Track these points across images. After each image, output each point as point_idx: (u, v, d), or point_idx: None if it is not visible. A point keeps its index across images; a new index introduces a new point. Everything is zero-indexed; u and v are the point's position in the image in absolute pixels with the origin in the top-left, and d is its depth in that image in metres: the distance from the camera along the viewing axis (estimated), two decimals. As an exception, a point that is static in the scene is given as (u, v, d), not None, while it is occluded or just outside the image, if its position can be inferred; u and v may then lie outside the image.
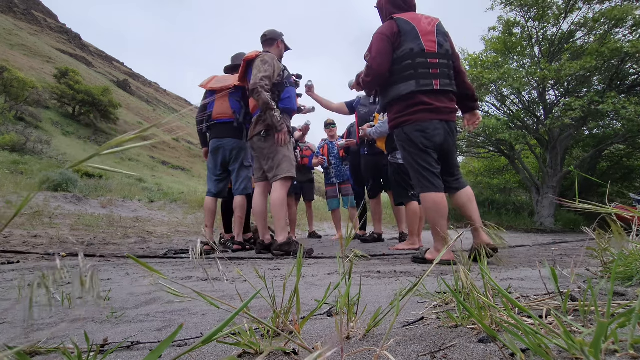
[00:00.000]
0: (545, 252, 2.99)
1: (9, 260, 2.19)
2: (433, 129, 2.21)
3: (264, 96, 2.67)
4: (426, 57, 2.22)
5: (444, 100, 2.24)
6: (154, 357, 0.35)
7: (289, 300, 0.62)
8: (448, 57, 2.28)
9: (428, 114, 2.22)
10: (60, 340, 0.70)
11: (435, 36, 2.25)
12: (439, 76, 2.22)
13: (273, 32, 3.11)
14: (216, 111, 3.26)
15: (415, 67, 2.23)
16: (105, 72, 47.85)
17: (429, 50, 2.22)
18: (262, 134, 2.84)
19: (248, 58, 2.91)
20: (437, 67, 2.23)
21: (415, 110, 2.23)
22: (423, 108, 2.22)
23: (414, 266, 2.05)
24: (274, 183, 2.87)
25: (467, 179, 14.30)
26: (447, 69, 2.26)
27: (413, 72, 2.23)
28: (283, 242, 2.74)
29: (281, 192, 2.82)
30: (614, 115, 8.26)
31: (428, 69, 2.22)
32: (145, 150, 24.33)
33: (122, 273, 1.83)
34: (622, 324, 0.41)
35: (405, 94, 2.25)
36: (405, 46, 2.25)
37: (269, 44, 3.06)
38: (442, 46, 2.26)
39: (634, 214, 0.64)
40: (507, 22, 9.97)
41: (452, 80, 2.28)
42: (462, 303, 0.54)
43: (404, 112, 2.28)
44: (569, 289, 0.61)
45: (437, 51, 2.24)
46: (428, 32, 2.25)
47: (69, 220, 4.90)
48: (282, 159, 2.85)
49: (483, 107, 11.06)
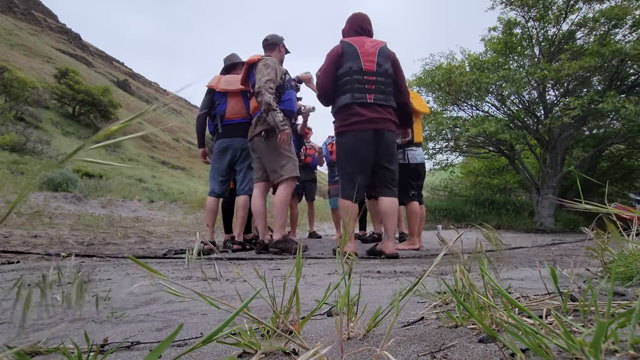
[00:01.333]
0: (545, 252, 2.99)
1: (9, 260, 2.19)
2: (369, 140, 2.54)
3: (267, 97, 2.73)
4: (363, 74, 2.56)
5: (378, 110, 2.55)
6: (154, 357, 0.35)
7: (289, 300, 0.62)
8: (387, 76, 2.60)
9: (362, 125, 2.54)
10: (60, 340, 0.70)
11: (376, 57, 2.58)
12: (373, 91, 2.55)
13: (274, 37, 3.17)
14: (230, 111, 3.28)
15: (352, 83, 2.57)
16: (105, 72, 47.85)
17: (367, 69, 2.56)
18: (263, 135, 2.88)
19: (250, 61, 2.97)
20: (373, 83, 2.56)
21: (351, 122, 2.56)
22: (357, 120, 2.54)
23: (413, 266, 2.05)
24: (279, 185, 2.90)
25: (467, 179, 14.33)
26: (383, 86, 2.57)
27: (350, 86, 2.57)
28: (279, 239, 2.79)
29: (286, 192, 2.87)
30: (613, 115, 8.26)
31: (364, 85, 2.55)
32: (145, 150, 24.33)
33: (122, 273, 1.83)
34: (622, 324, 0.41)
35: (343, 105, 2.60)
36: (346, 65, 2.59)
37: (270, 49, 3.13)
38: (382, 66, 2.58)
39: (634, 214, 0.64)
40: (507, 22, 9.97)
41: (388, 96, 2.60)
42: (462, 303, 0.54)
43: (343, 123, 2.62)
44: (569, 289, 0.61)
45: (374, 70, 2.56)
46: (369, 54, 2.59)
47: (69, 220, 4.90)
48: (286, 159, 2.89)
49: (483, 107, 11.06)
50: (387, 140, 2.58)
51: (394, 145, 2.66)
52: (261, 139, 2.90)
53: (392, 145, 2.62)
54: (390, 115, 2.60)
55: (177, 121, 9.57)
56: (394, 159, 2.67)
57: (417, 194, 3.32)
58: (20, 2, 48.06)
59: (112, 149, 20.20)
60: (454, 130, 10.32)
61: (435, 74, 10.07)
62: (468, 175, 14.29)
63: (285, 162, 2.89)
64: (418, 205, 3.30)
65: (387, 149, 2.59)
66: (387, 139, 2.58)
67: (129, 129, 0.37)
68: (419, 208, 3.31)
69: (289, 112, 3.00)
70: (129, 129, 1.53)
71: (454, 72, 9.67)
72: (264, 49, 3.17)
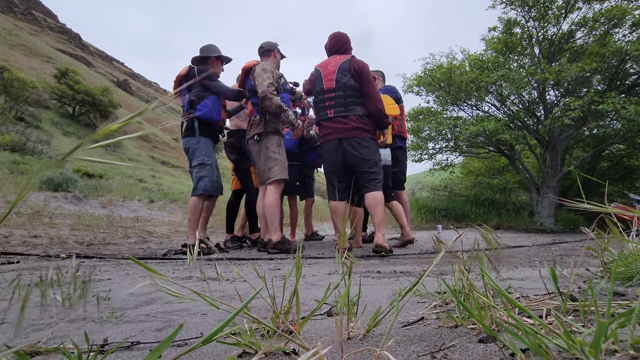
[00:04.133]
0: (545, 252, 2.99)
1: (9, 260, 2.19)
2: (333, 149, 2.94)
3: (276, 100, 2.94)
4: (325, 93, 2.96)
5: (340, 121, 2.90)
6: (154, 357, 0.35)
7: (289, 300, 0.62)
8: (346, 88, 2.89)
9: (327, 137, 2.97)
10: (60, 340, 0.70)
11: (335, 75, 2.91)
12: (332, 106, 2.93)
13: (269, 44, 3.36)
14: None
15: (318, 103, 3.03)
16: (105, 72, 47.84)
17: (327, 87, 2.95)
18: (256, 138, 3.06)
19: (247, 67, 3.15)
20: (332, 99, 2.93)
21: (322, 135, 3.04)
22: (324, 132, 2.99)
23: (413, 266, 2.05)
24: (268, 187, 3.03)
25: (467, 179, 14.31)
26: (342, 99, 2.90)
27: (317, 106, 3.05)
28: (278, 240, 2.89)
29: (275, 195, 2.98)
30: (614, 115, 8.26)
31: (325, 102, 2.96)
32: (145, 150, 24.33)
33: (122, 273, 1.82)
34: (622, 324, 0.41)
35: (317, 121, 3.12)
36: (316, 87, 3.03)
37: (266, 55, 3.31)
38: (339, 81, 2.90)
39: (634, 214, 0.64)
40: (507, 22, 9.97)
41: (349, 107, 2.90)
42: (462, 303, 0.54)
43: (319, 135, 3.17)
44: (569, 289, 0.61)
45: (334, 87, 2.92)
46: (330, 73, 2.94)
47: (69, 220, 4.90)
48: (273, 162, 3.02)
49: (483, 107, 11.06)
50: (351, 146, 2.89)
51: (362, 149, 2.89)
52: (254, 142, 3.09)
53: (357, 149, 2.89)
54: (354, 123, 2.89)
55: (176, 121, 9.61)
56: (364, 162, 2.90)
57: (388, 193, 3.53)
58: (20, 2, 48.05)
59: (112, 148, 20.20)
60: (454, 130, 10.32)
61: (435, 73, 10.07)
62: (468, 175, 14.29)
63: (273, 165, 3.02)
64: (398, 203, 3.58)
65: (353, 154, 2.89)
66: (351, 145, 2.89)
67: (128, 128, 0.37)
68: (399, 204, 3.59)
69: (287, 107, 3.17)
70: (129, 128, 1.52)
71: (454, 72, 9.67)
72: (260, 56, 3.34)
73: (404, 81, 11.01)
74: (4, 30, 34.03)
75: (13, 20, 42.01)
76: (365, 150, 2.92)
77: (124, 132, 1.72)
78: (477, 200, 11.31)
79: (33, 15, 48.24)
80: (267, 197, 2.99)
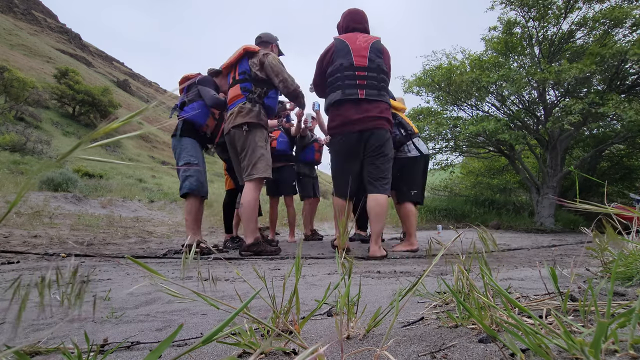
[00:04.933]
0: (545, 252, 2.99)
1: (9, 260, 2.19)
2: (354, 142, 2.55)
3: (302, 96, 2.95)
4: (354, 70, 2.52)
5: (367, 109, 2.52)
6: (154, 357, 0.35)
7: (289, 300, 0.62)
8: (379, 71, 2.55)
9: (347, 127, 2.54)
10: (60, 340, 0.70)
11: (368, 52, 2.54)
12: (365, 87, 2.50)
13: (268, 35, 3.16)
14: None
15: (342, 79, 2.54)
16: (105, 72, 47.84)
17: (358, 64, 2.52)
18: (244, 128, 2.77)
19: (249, 49, 2.88)
20: (365, 79, 2.51)
21: (338, 124, 2.58)
22: (343, 121, 2.55)
23: (413, 266, 2.05)
24: (247, 183, 2.79)
25: (467, 179, 14.32)
26: (376, 82, 2.53)
27: (341, 83, 2.54)
28: (251, 242, 2.76)
29: (254, 194, 2.78)
30: (614, 116, 8.26)
31: (354, 80, 2.51)
32: (145, 150, 24.33)
33: (122, 273, 1.82)
34: (622, 324, 0.41)
35: (334, 101, 2.57)
36: (337, 62, 2.58)
37: (263, 46, 3.09)
38: (374, 61, 2.55)
39: (634, 214, 0.64)
40: (507, 22, 9.97)
41: (381, 92, 2.55)
42: (462, 303, 0.54)
43: (331, 124, 2.64)
44: (569, 289, 0.61)
45: (366, 65, 2.52)
46: (361, 49, 2.56)
47: (69, 220, 4.90)
48: (259, 157, 2.78)
49: (483, 107, 11.06)
50: (375, 138, 2.54)
51: (385, 143, 2.59)
52: (240, 132, 2.79)
53: (380, 143, 2.56)
54: (380, 113, 2.54)
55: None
56: (380, 156, 2.59)
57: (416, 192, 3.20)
58: (20, 2, 48.05)
59: (112, 148, 20.20)
60: (454, 130, 10.32)
61: (435, 73, 10.07)
62: (468, 175, 14.29)
63: (258, 161, 2.77)
64: (412, 206, 3.21)
65: (373, 147, 2.56)
66: (375, 137, 2.54)
67: (128, 128, 0.37)
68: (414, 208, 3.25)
69: (271, 110, 2.94)
70: (128, 128, 1.52)
71: (454, 72, 9.67)
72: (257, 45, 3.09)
73: (404, 82, 11.02)
74: (4, 30, 34.03)
75: (13, 20, 42.00)
76: (388, 146, 2.61)
77: (123, 132, 1.74)
78: (477, 200, 11.32)
79: (33, 15, 48.23)
80: (245, 196, 2.77)
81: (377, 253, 2.56)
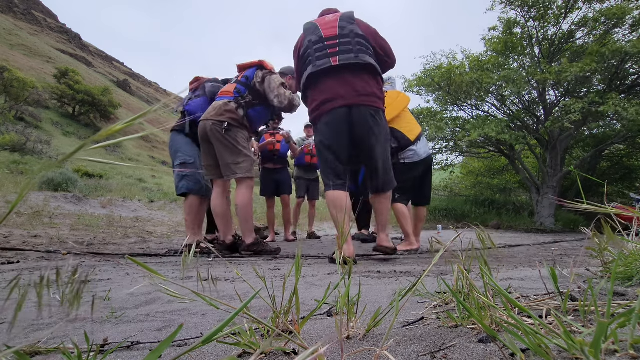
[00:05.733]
0: (545, 252, 2.99)
1: (9, 260, 2.19)
2: (336, 119, 2.18)
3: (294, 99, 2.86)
4: (324, 41, 2.24)
5: (349, 80, 2.17)
6: (154, 357, 0.35)
7: (289, 300, 0.62)
8: (353, 35, 2.23)
9: (330, 104, 2.18)
10: (60, 340, 0.70)
11: (338, 23, 2.28)
12: (337, 53, 2.18)
13: (288, 68, 3.21)
14: None
15: (312, 54, 2.25)
16: (105, 72, 47.84)
17: (327, 35, 2.24)
18: (225, 126, 2.70)
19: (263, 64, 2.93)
20: (337, 46, 2.20)
21: (319, 103, 2.24)
22: (325, 99, 2.20)
23: (413, 266, 2.05)
24: (240, 184, 2.78)
25: (467, 179, 14.33)
26: (350, 45, 2.20)
27: (311, 58, 2.25)
28: (251, 242, 2.78)
29: (248, 194, 2.78)
30: (614, 116, 8.27)
31: (325, 50, 2.21)
32: (146, 150, 24.34)
33: (122, 273, 1.83)
34: (622, 324, 0.41)
35: (306, 78, 2.27)
36: (305, 41, 2.32)
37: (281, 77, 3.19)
38: (344, 28, 2.25)
39: (634, 214, 0.64)
40: (507, 22, 9.97)
41: (358, 54, 2.18)
42: (462, 303, 0.54)
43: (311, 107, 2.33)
44: (569, 289, 0.61)
45: (337, 33, 2.23)
46: (329, 22, 2.31)
47: (69, 220, 4.90)
48: (243, 158, 2.76)
49: (483, 107, 11.07)
50: (363, 117, 2.17)
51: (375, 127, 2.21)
52: (218, 129, 2.69)
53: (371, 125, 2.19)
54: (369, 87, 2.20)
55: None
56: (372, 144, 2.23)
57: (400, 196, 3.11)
58: (20, 2, 48.06)
59: (112, 149, 20.20)
60: (454, 131, 10.33)
61: (435, 74, 10.08)
62: (468, 175, 14.30)
63: (242, 161, 2.73)
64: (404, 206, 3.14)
65: (362, 132, 2.18)
66: (363, 116, 2.17)
67: (129, 129, 0.37)
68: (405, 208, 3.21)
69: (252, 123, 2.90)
70: (130, 129, 1.53)
71: (454, 72, 9.68)
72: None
73: (404, 81, 11.03)
74: (4, 30, 34.03)
75: (13, 20, 42.01)
76: (377, 129, 2.22)
77: (124, 133, 1.74)
78: (477, 200, 11.32)
79: (33, 15, 48.23)
80: (240, 197, 2.76)
81: (384, 242, 2.38)
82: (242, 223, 2.80)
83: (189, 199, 3.01)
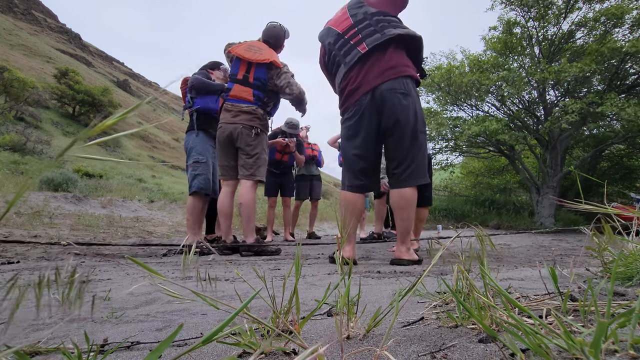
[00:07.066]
0: (545, 252, 2.99)
1: (9, 260, 2.19)
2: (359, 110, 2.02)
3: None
4: (343, 36, 2.10)
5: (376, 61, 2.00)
6: (154, 357, 0.35)
7: (289, 300, 0.62)
8: (369, 16, 2.08)
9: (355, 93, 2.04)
10: (60, 340, 0.70)
11: (347, 13, 2.15)
12: (362, 39, 2.03)
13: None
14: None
15: (338, 54, 2.11)
16: (105, 72, 47.84)
17: (343, 29, 2.12)
18: (257, 131, 2.83)
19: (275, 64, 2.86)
20: (357, 33, 2.06)
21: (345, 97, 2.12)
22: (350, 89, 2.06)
23: (414, 266, 2.05)
24: (248, 183, 2.83)
25: (467, 179, 14.33)
26: (371, 26, 2.05)
27: (339, 59, 2.12)
28: (252, 243, 2.80)
29: (253, 194, 2.85)
30: (613, 116, 8.27)
31: (349, 43, 2.07)
32: (145, 150, 24.33)
33: (122, 273, 1.82)
34: (622, 324, 0.41)
35: (340, 81, 2.15)
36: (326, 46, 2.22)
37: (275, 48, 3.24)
38: (357, 14, 2.12)
39: (634, 214, 0.64)
40: (507, 21, 9.97)
41: (383, 31, 2.00)
42: (462, 303, 0.54)
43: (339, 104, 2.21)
44: (569, 289, 0.61)
45: (352, 23, 2.10)
46: (339, 17, 2.19)
47: (69, 220, 4.90)
48: (262, 162, 2.90)
49: (483, 107, 11.07)
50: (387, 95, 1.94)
51: (403, 99, 1.94)
52: (250, 133, 2.80)
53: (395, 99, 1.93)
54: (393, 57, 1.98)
55: (173, 118, 9.45)
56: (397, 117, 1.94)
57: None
58: (20, 2, 48.04)
59: (112, 148, 20.21)
60: (454, 130, 10.33)
61: (435, 74, 10.08)
62: (468, 175, 14.30)
63: (262, 164, 2.89)
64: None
65: (391, 111, 1.93)
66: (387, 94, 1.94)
67: (128, 127, 0.37)
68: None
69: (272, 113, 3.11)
70: (129, 128, 1.52)
71: (453, 72, 9.68)
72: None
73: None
74: (4, 30, 34.03)
75: (13, 20, 42.00)
76: (406, 100, 1.94)
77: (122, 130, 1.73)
78: (477, 200, 11.32)
79: (33, 15, 48.23)
80: (245, 196, 2.80)
81: (402, 255, 2.05)
82: (245, 222, 2.84)
83: (192, 198, 3.02)
